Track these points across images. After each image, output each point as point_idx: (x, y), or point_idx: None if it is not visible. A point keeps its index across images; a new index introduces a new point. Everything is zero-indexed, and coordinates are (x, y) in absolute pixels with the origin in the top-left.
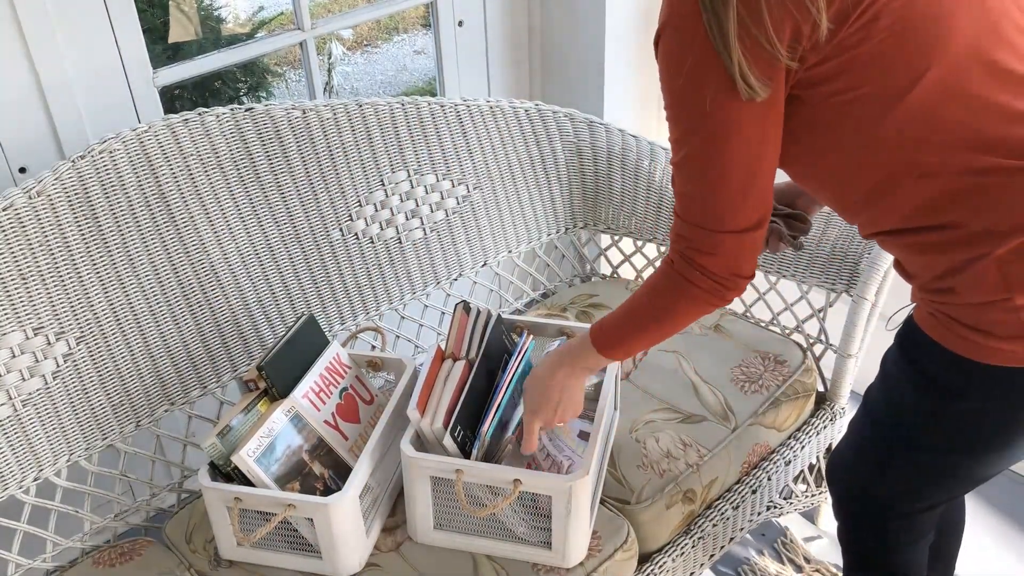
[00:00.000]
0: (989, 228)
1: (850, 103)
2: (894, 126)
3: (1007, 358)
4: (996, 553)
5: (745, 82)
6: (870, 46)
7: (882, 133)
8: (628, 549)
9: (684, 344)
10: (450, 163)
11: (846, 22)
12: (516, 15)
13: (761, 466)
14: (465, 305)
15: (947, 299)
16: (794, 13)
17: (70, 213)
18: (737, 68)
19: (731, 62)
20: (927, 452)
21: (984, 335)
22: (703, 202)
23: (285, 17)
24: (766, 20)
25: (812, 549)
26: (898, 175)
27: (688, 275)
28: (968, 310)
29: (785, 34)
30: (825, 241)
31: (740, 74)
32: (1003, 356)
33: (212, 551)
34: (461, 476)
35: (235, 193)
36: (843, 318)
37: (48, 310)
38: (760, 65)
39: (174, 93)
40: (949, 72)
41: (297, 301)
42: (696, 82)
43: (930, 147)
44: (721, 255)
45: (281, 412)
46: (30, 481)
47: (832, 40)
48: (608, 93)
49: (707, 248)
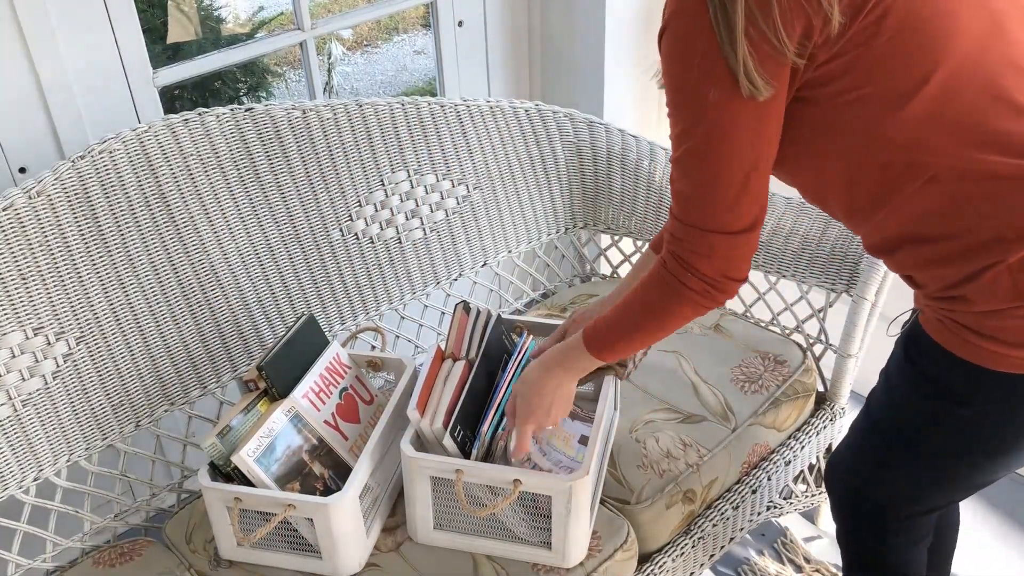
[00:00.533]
0: (998, 235)
1: (857, 103)
2: (900, 126)
3: (1017, 365)
4: (996, 552)
5: (748, 79)
6: (879, 43)
7: (889, 133)
8: (628, 549)
9: (684, 344)
10: (450, 163)
11: (858, 16)
12: (516, 15)
13: (761, 466)
14: (465, 305)
15: (957, 307)
16: (805, 7)
17: (70, 213)
18: (741, 65)
19: (736, 59)
20: (929, 457)
21: (994, 342)
22: (699, 200)
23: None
24: (775, 14)
25: (812, 549)
26: (904, 177)
27: (681, 276)
28: (979, 318)
29: (795, 29)
30: (825, 241)
31: (744, 71)
32: (1013, 363)
33: (212, 551)
34: (461, 476)
35: (235, 193)
36: (843, 318)
37: (48, 310)
38: (765, 62)
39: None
40: (955, 72)
41: (297, 301)
42: (699, 78)
43: (936, 148)
44: (714, 257)
45: (281, 412)
46: (30, 481)
47: (844, 35)
48: (608, 93)
49: (701, 249)
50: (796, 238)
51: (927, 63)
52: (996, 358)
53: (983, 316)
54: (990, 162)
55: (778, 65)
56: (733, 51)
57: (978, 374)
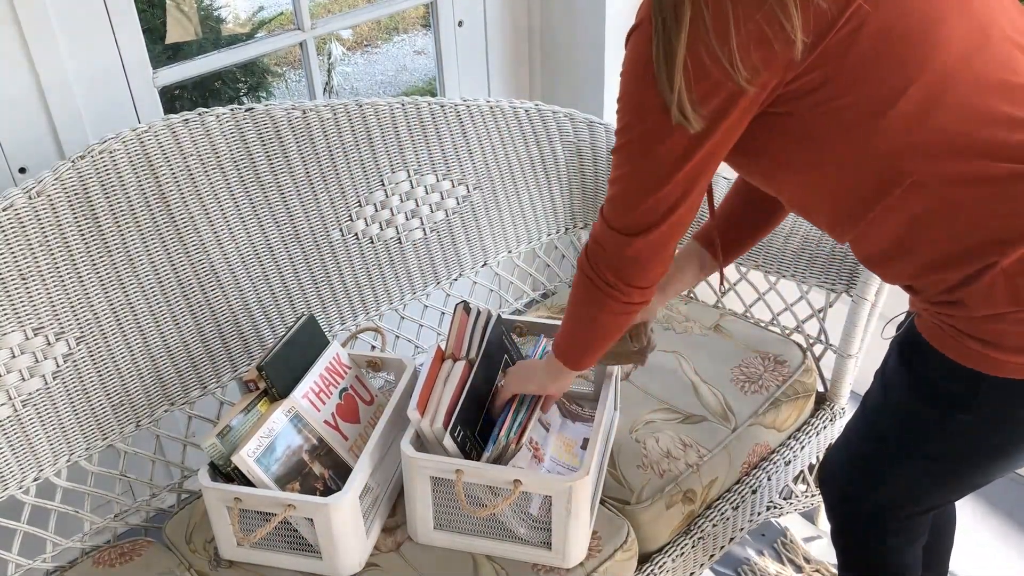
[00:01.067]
0: (992, 237)
1: (838, 111)
2: (882, 135)
3: (1015, 370)
4: (996, 552)
5: (680, 111)
6: (857, 52)
7: (872, 142)
8: (628, 549)
9: (684, 344)
10: (450, 163)
11: (830, 31)
12: (516, 15)
13: (761, 466)
14: (465, 305)
15: (954, 311)
16: (765, 30)
17: (70, 213)
18: (676, 96)
19: (671, 90)
20: (926, 461)
21: (992, 347)
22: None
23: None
24: (732, 39)
25: (812, 549)
26: (889, 184)
27: (587, 271)
28: (976, 322)
29: (751, 54)
30: (825, 241)
31: (677, 102)
32: (1011, 368)
33: (212, 551)
34: (461, 476)
35: (235, 193)
36: (843, 318)
37: (48, 310)
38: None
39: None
40: (939, 80)
41: (297, 301)
42: (640, 95)
43: (920, 155)
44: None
45: (281, 412)
46: (30, 481)
47: (814, 51)
48: (608, 93)
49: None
50: (796, 238)
51: (907, 72)
52: (996, 363)
53: (981, 321)
54: (977, 168)
55: (726, 94)
56: (669, 83)
57: (977, 379)
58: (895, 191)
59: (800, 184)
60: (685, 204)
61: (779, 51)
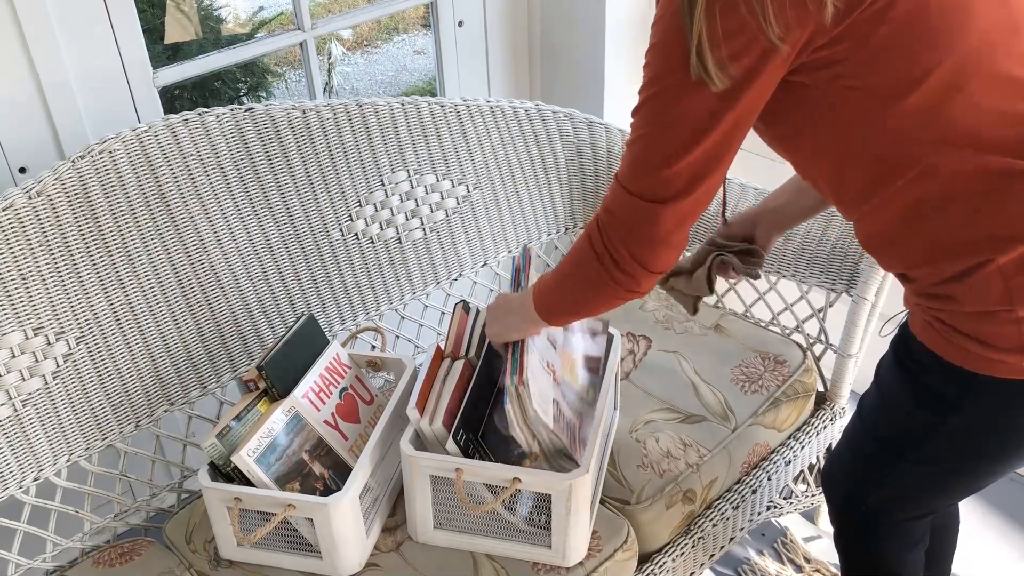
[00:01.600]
0: (991, 233)
1: (855, 90)
2: (899, 118)
3: (1008, 370)
4: (996, 552)
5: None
6: (884, 32)
7: (887, 124)
8: (628, 549)
9: (684, 344)
10: (450, 163)
11: (861, 3)
12: (516, 15)
13: (761, 466)
14: (465, 305)
15: (945, 306)
16: None
17: (70, 213)
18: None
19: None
20: (923, 463)
21: (985, 346)
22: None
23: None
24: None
25: (812, 549)
26: (898, 169)
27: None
28: (968, 319)
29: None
30: (825, 241)
31: (696, 50)
32: (1005, 368)
33: (212, 551)
34: (461, 475)
35: (235, 193)
36: (843, 318)
37: (48, 310)
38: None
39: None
40: (958, 70)
41: (297, 301)
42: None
43: (932, 144)
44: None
45: (281, 412)
46: (30, 481)
47: (843, 22)
48: (608, 93)
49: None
50: (796, 238)
51: (932, 56)
52: (989, 363)
53: (972, 317)
54: (987, 162)
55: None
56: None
57: (968, 379)
58: (906, 175)
59: (810, 157)
60: (717, 173)
61: (812, 10)
